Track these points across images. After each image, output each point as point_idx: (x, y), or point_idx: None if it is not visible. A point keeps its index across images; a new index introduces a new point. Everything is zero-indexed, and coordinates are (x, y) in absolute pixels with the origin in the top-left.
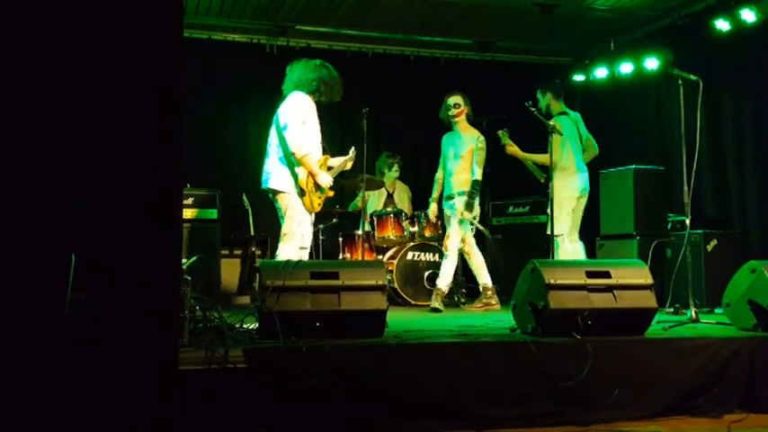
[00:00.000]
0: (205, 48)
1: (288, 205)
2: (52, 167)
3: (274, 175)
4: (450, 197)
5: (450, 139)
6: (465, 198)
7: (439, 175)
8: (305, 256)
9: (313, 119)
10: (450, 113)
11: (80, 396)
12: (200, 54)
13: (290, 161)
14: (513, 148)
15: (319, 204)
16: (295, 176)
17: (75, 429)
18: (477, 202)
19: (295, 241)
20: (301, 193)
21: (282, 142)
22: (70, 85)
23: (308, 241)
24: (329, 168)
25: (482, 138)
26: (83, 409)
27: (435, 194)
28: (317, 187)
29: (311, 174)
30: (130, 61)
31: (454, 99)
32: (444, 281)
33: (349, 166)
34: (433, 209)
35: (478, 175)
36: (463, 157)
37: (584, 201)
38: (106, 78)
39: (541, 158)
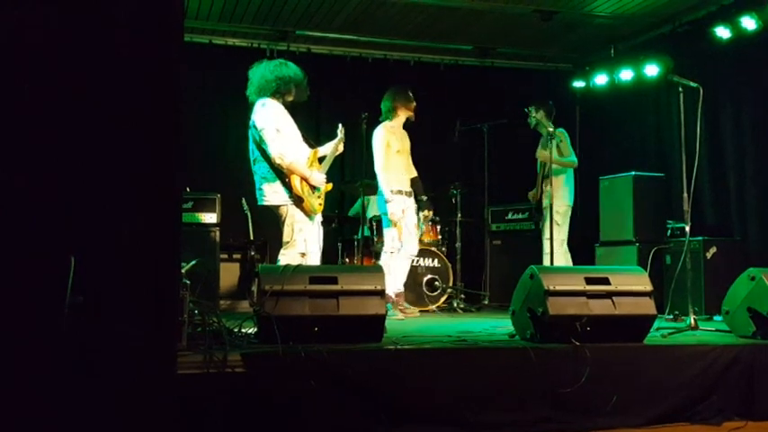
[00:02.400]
0: (206, 52)
1: (287, 214)
2: (52, 170)
3: (267, 191)
4: (411, 194)
5: (399, 133)
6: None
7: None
8: (310, 260)
9: (286, 121)
10: (414, 107)
11: (78, 399)
12: (201, 58)
13: (279, 172)
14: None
15: (320, 204)
16: (287, 186)
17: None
18: None
19: (297, 248)
20: (299, 200)
21: (265, 155)
22: (69, 85)
23: (312, 246)
24: (321, 160)
25: None
26: (81, 411)
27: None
28: (314, 188)
29: (303, 178)
30: (130, 62)
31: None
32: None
33: (341, 148)
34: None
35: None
36: (410, 156)
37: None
38: (105, 79)
39: (562, 162)
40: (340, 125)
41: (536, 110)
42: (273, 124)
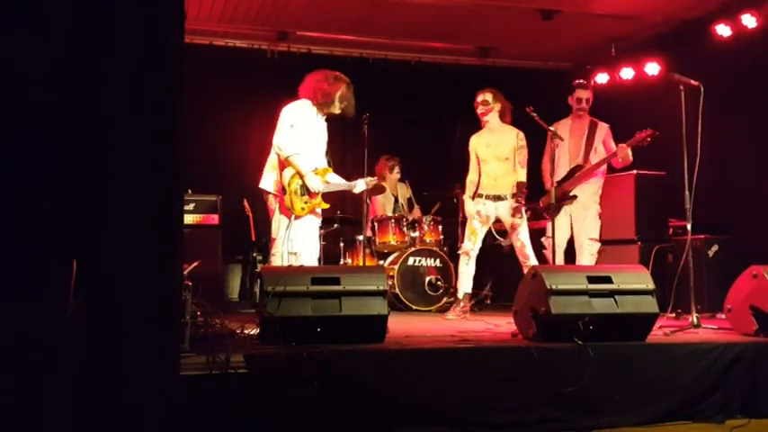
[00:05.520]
0: (206, 53)
1: (272, 206)
2: (52, 171)
3: (265, 176)
4: (500, 198)
5: (484, 139)
6: (514, 203)
7: (474, 177)
8: (301, 261)
9: (307, 124)
10: (478, 112)
11: (81, 401)
12: (202, 60)
13: (278, 163)
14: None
15: (303, 209)
16: (278, 176)
17: None
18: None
19: (282, 245)
20: (283, 192)
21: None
22: (69, 85)
23: (300, 246)
24: (327, 182)
25: (522, 134)
26: (84, 413)
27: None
28: (305, 191)
29: (299, 174)
30: (129, 63)
31: (482, 96)
32: None
33: (357, 190)
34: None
35: (524, 177)
36: (508, 159)
37: None
38: (105, 81)
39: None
40: (373, 179)
41: (590, 90)
42: (291, 120)
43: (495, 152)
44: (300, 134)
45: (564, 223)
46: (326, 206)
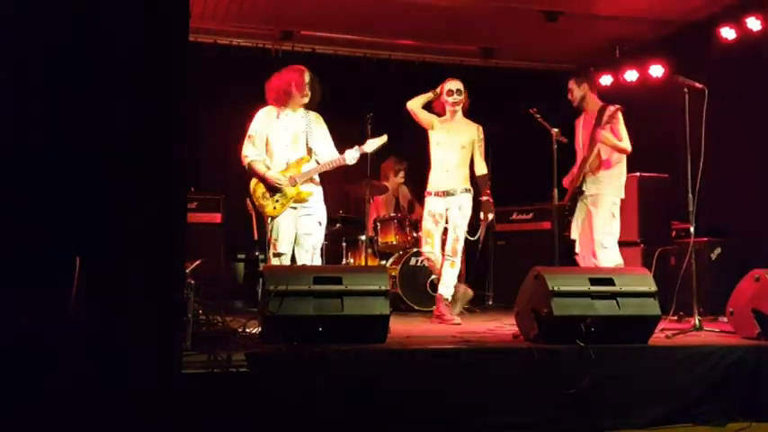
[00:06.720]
0: (210, 52)
1: None
2: (53, 170)
3: None
4: (449, 194)
5: (445, 127)
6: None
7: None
8: (286, 261)
9: (265, 127)
10: (449, 100)
11: (81, 400)
12: (206, 58)
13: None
14: None
15: (275, 208)
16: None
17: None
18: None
19: (271, 247)
20: (253, 197)
21: None
22: (70, 84)
23: (285, 246)
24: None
25: (481, 128)
26: (85, 411)
27: None
28: (272, 191)
29: (260, 179)
30: (132, 62)
31: (456, 84)
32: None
33: (350, 161)
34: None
35: (485, 169)
36: (464, 148)
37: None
38: (109, 79)
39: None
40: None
41: (578, 83)
42: (249, 130)
43: (454, 141)
44: (259, 140)
45: (579, 221)
46: (309, 194)
